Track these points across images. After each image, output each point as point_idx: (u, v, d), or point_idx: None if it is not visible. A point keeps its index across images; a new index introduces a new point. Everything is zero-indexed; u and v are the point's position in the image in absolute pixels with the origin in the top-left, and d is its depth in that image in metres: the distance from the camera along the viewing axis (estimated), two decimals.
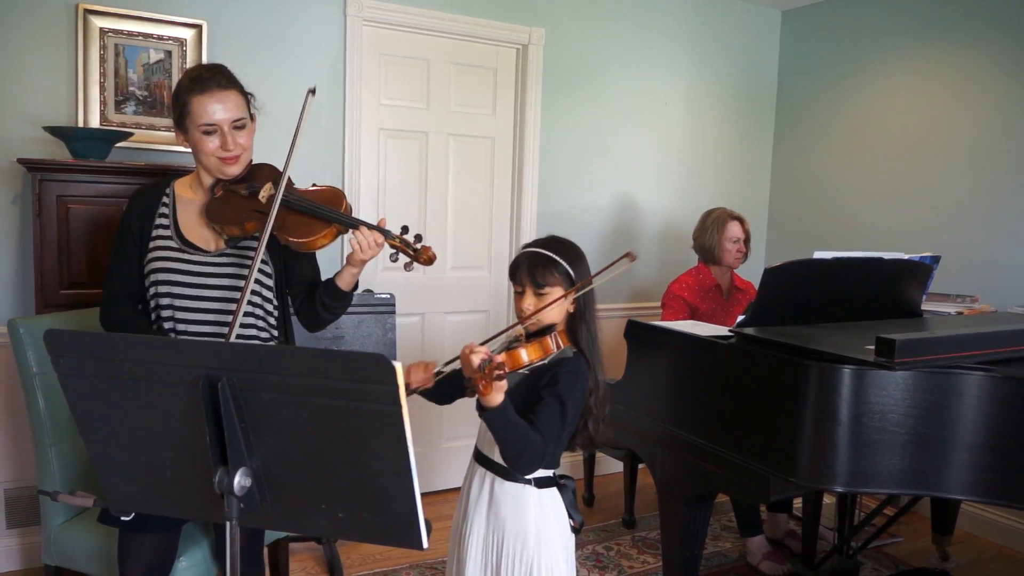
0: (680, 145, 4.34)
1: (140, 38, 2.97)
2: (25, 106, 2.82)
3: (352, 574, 3.00)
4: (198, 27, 3.05)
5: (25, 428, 2.67)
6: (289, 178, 1.93)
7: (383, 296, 3.03)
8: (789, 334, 2.19)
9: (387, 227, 1.89)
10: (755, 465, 2.10)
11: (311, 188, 1.99)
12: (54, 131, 2.68)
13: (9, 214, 2.85)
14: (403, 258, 1.89)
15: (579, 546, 3.31)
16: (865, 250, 3.16)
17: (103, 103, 2.92)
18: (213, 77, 1.85)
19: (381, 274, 3.59)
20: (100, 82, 2.91)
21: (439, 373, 1.82)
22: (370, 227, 1.86)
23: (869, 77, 4.08)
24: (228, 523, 1.17)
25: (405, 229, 1.90)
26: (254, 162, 2.00)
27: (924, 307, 2.77)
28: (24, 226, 2.85)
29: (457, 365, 1.71)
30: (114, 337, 1.45)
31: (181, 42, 3.03)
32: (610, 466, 4.11)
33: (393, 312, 3.05)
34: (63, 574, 2.29)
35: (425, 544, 1.15)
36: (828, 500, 3.49)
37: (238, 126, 1.88)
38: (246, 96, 1.93)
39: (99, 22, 2.89)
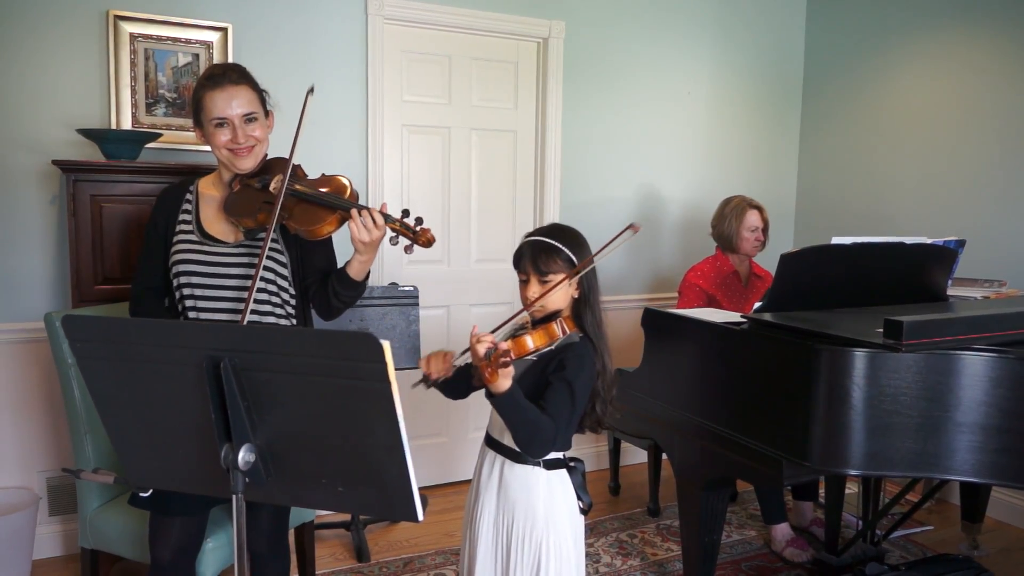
0: (704, 133, 4.32)
1: (168, 42, 3.07)
2: (59, 109, 2.94)
3: (379, 560, 3.07)
4: (224, 30, 3.14)
5: (65, 419, 2.79)
6: (299, 169, 2.00)
7: (407, 289, 3.10)
8: (803, 319, 2.19)
9: (388, 212, 1.93)
10: (769, 450, 2.11)
11: (319, 177, 2.04)
12: (87, 133, 2.79)
13: (47, 214, 2.97)
14: (403, 241, 1.92)
15: (603, 533, 3.35)
16: (893, 235, 3.13)
17: (134, 105, 3.03)
18: (225, 74, 1.93)
19: (406, 268, 3.65)
20: (131, 85, 3.01)
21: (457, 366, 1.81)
22: (369, 211, 1.90)
23: (897, 60, 4.02)
24: (234, 496, 1.23)
25: (406, 212, 1.93)
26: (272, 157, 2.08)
27: (950, 292, 2.74)
28: (61, 225, 2.97)
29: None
30: (125, 321, 1.52)
31: (208, 45, 3.13)
32: (636, 456, 4.12)
33: (417, 304, 3.11)
34: (99, 557, 2.40)
35: (420, 516, 1.19)
36: (854, 488, 3.46)
37: (249, 120, 1.95)
38: (260, 92, 2.00)
39: (129, 27, 2.99)
